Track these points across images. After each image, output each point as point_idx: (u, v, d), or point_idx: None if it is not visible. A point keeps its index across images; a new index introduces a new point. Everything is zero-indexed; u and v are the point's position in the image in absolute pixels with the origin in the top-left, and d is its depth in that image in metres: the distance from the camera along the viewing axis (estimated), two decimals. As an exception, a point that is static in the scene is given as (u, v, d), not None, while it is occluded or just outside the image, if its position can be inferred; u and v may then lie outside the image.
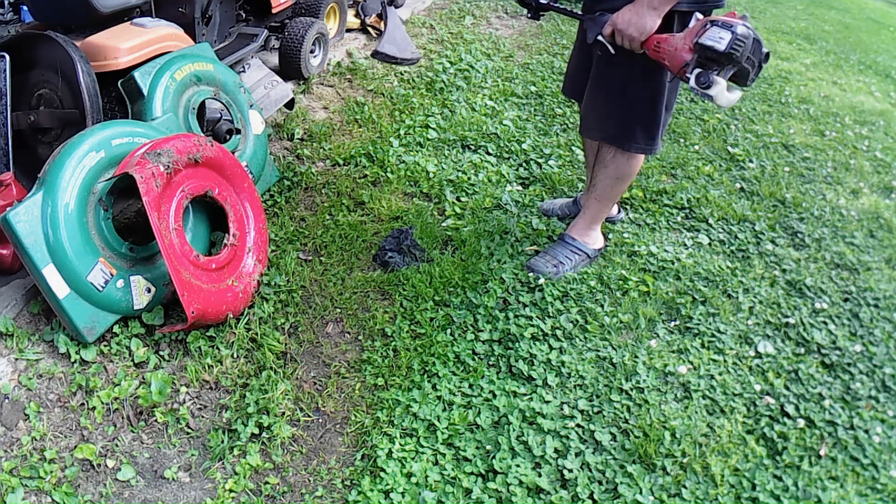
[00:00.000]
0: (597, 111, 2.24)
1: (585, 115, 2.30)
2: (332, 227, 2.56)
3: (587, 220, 2.43)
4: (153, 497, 1.64)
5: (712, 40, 1.68)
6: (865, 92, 4.96)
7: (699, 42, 1.71)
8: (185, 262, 1.92)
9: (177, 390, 1.87)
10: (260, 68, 3.21)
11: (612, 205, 2.41)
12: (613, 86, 2.15)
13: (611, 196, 2.35)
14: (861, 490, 1.82)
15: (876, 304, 2.52)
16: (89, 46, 2.20)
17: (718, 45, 1.68)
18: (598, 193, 2.36)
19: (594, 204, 2.39)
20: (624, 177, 2.29)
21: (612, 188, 2.32)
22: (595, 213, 2.41)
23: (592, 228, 2.44)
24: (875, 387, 2.14)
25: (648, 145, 2.18)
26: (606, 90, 2.18)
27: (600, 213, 2.41)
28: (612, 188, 2.32)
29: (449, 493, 1.67)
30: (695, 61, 1.76)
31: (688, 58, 1.74)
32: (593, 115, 2.25)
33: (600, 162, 2.31)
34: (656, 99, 2.12)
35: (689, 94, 4.20)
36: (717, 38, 1.67)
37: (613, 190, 2.33)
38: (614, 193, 2.34)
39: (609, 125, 2.21)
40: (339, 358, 2.05)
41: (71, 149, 1.86)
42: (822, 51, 5.91)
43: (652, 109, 2.13)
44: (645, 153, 2.23)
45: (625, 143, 2.20)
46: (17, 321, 1.89)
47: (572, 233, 2.45)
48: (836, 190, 3.31)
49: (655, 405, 1.94)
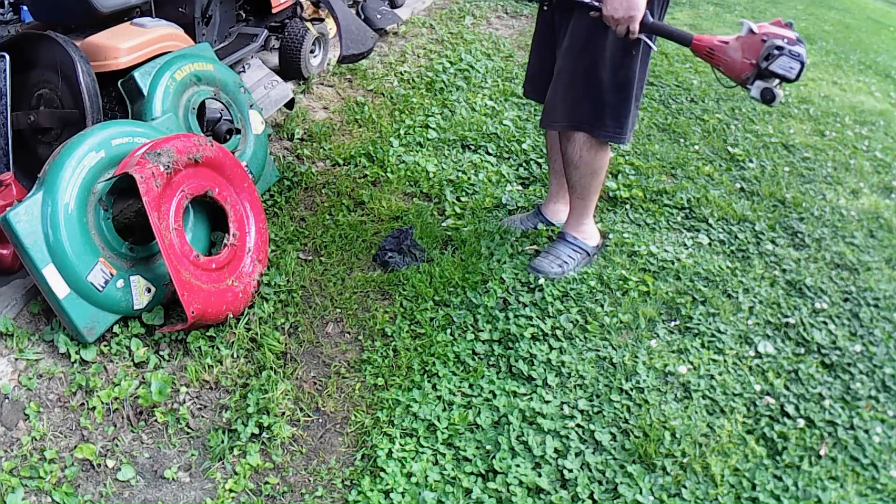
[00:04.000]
0: (565, 100, 2.21)
1: (552, 107, 2.26)
2: (332, 227, 2.56)
3: (577, 217, 2.44)
4: (153, 497, 1.64)
5: (784, 70, 1.78)
6: (865, 92, 4.96)
7: (770, 69, 1.80)
8: (185, 262, 1.92)
9: (177, 390, 1.87)
10: (260, 68, 3.21)
11: (596, 197, 2.41)
12: (583, 73, 2.14)
13: (592, 190, 2.36)
14: (861, 490, 1.82)
15: (876, 304, 2.52)
16: (89, 46, 2.20)
17: (790, 74, 1.79)
18: (578, 193, 2.37)
19: (578, 202, 2.41)
20: (598, 171, 2.30)
21: (590, 183, 2.33)
22: (583, 209, 2.42)
23: (584, 224, 2.45)
24: (875, 387, 2.14)
25: (617, 133, 2.18)
26: (575, 76, 2.16)
27: (587, 208, 2.42)
28: (590, 183, 2.33)
29: (449, 493, 1.67)
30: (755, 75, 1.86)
31: (749, 72, 1.84)
32: (561, 105, 2.22)
33: (569, 164, 2.31)
34: (626, 87, 2.12)
35: (689, 93, 4.20)
36: (789, 68, 1.78)
37: (592, 184, 2.34)
38: (594, 187, 2.35)
39: (579, 111, 2.19)
40: (339, 358, 2.05)
41: (71, 149, 1.86)
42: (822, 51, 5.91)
43: (622, 97, 2.14)
44: (614, 141, 2.22)
45: (594, 130, 2.19)
46: (17, 321, 1.89)
47: (572, 231, 2.45)
48: (836, 190, 3.31)
49: (655, 405, 1.94)
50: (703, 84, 4.38)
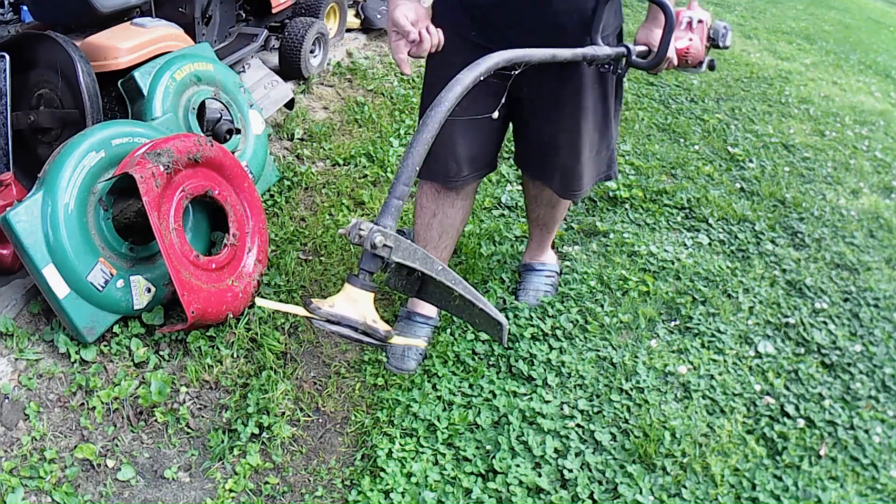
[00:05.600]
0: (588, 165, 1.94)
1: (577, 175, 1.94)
2: (332, 227, 2.56)
3: (544, 247, 2.34)
4: (153, 497, 1.64)
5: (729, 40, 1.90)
6: (865, 92, 4.96)
7: (726, 46, 1.90)
8: (185, 262, 1.92)
9: (177, 390, 1.87)
10: (260, 68, 3.21)
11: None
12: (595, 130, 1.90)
13: (560, 222, 2.30)
14: (861, 490, 1.82)
15: (876, 304, 2.52)
16: (89, 46, 2.20)
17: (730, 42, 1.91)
18: (550, 228, 2.26)
19: (548, 236, 2.30)
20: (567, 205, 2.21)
21: (562, 217, 2.26)
22: (550, 239, 2.33)
23: (548, 251, 2.38)
24: (875, 387, 2.14)
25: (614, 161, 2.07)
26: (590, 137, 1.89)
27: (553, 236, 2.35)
28: (562, 217, 2.26)
29: (449, 493, 1.67)
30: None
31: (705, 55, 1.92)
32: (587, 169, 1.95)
33: (548, 204, 2.13)
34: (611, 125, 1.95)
35: (689, 93, 4.20)
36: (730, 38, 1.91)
37: (562, 217, 2.26)
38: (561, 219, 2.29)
39: (600, 165, 1.99)
40: (339, 358, 2.05)
41: (71, 149, 1.86)
42: (822, 51, 5.91)
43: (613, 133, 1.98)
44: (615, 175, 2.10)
45: (611, 173, 2.03)
46: (17, 321, 1.89)
47: (539, 260, 2.35)
48: (836, 190, 3.31)
49: (655, 405, 1.94)
50: (703, 84, 4.39)
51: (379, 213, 1.16)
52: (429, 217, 2.01)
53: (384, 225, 1.12)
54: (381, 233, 1.11)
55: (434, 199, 1.99)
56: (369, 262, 1.13)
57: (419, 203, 2.03)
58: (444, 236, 2.04)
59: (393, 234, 1.12)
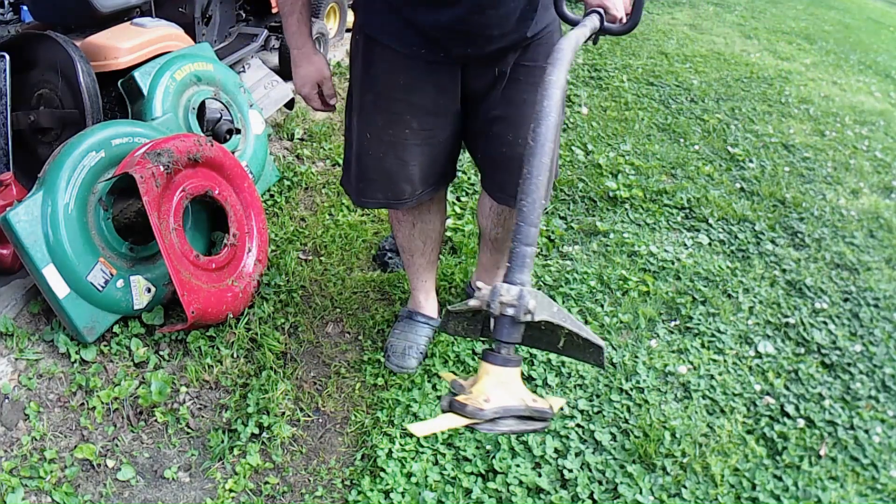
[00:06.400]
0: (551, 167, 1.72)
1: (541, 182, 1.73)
2: (332, 227, 2.56)
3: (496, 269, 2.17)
4: (153, 497, 1.64)
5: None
6: (865, 92, 4.96)
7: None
8: (185, 262, 1.92)
9: (177, 390, 1.87)
10: (260, 68, 3.21)
11: None
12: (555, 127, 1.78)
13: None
14: (861, 490, 1.82)
15: (876, 304, 2.52)
16: (89, 46, 2.20)
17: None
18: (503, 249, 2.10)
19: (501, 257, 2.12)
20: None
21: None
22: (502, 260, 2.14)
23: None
24: (875, 387, 2.14)
25: None
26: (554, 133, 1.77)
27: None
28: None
29: (449, 493, 1.67)
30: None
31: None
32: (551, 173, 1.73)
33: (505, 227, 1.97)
34: None
35: (689, 93, 4.20)
36: None
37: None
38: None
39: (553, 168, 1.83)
40: (339, 358, 2.05)
41: (71, 149, 1.86)
42: (822, 51, 5.91)
43: None
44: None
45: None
46: (17, 321, 1.89)
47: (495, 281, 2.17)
48: (836, 190, 3.31)
49: (655, 405, 1.94)
50: (703, 84, 4.39)
51: (510, 267, 0.95)
52: (408, 229, 1.97)
53: (522, 282, 0.94)
54: (532, 295, 0.91)
55: (408, 212, 1.94)
56: (512, 331, 0.94)
57: (394, 218, 1.98)
58: (429, 241, 2.02)
59: (536, 291, 0.92)
